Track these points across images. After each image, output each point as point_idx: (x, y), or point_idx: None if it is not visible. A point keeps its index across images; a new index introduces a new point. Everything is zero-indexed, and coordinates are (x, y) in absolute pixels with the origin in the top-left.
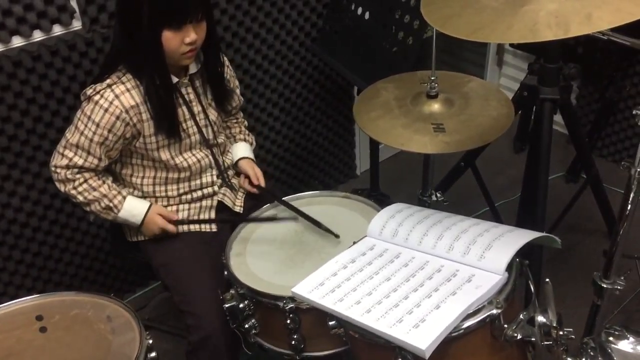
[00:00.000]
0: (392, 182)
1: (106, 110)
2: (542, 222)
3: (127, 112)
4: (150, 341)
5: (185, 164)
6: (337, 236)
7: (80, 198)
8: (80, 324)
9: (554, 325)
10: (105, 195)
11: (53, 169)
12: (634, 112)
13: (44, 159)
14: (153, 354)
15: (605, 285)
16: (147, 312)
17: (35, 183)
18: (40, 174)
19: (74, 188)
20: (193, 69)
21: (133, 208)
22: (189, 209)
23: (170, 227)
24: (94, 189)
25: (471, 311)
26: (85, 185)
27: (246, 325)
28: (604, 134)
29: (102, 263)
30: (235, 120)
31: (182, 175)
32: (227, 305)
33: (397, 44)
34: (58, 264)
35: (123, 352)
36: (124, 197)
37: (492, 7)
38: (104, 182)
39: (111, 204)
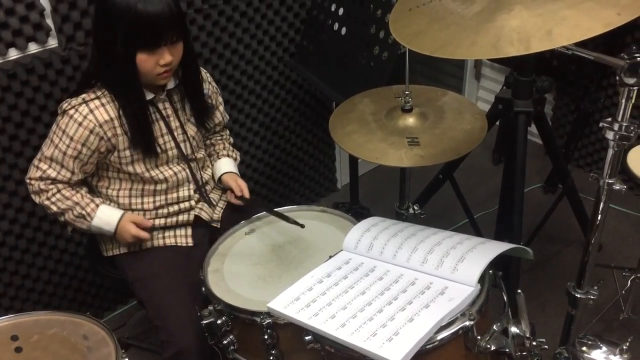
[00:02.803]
0: (373, 195)
1: (80, 124)
2: (518, 232)
3: (101, 126)
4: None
5: (161, 176)
6: (302, 226)
7: (54, 208)
8: (56, 344)
9: (527, 335)
10: (77, 203)
11: (28, 181)
12: (600, 124)
13: (20, 178)
14: None
15: (578, 295)
16: (127, 329)
17: (11, 201)
18: (17, 192)
19: (48, 199)
20: (171, 84)
21: (106, 216)
22: (165, 223)
23: (143, 234)
24: (67, 198)
25: (444, 323)
26: (58, 195)
27: (224, 342)
28: (580, 144)
29: (81, 281)
30: (219, 138)
31: (159, 187)
32: (205, 322)
33: (372, 58)
34: (36, 282)
35: None
36: (97, 205)
37: (457, 24)
38: (77, 192)
39: (84, 212)
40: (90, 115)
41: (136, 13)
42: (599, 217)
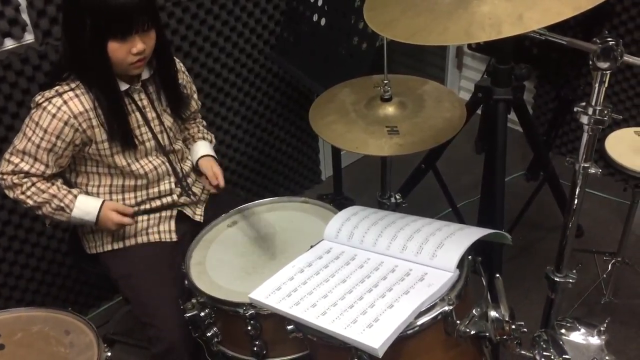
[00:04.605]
0: (357, 186)
1: (54, 116)
2: (500, 220)
3: (75, 117)
4: (109, 354)
5: (142, 171)
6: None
7: (30, 202)
8: (40, 341)
9: (507, 319)
10: (54, 196)
11: (0, 176)
12: (574, 109)
13: None
14: None
15: (557, 279)
16: (112, 325)
17: None
18: None
19: (22, 192)
20: (145, 75)
21: (86, 206)
22: (148, 219)
23: (127, 220)
24: (43, 191)
25: (424, 309)
26: (33, 189)
27: (208, 334)
28: (561, 132)
29: (65, 278)
30: (193, 122)
31: (139, 182)
32: (188, 315)
33: (352, 49)
34: (19, 280)
35: None
36: (75, 196)
37: (430, 11)
38: (52, 184)
39: (62, 204)
40: (64, 107)
41: (104, 0)
42: (576, 201)
